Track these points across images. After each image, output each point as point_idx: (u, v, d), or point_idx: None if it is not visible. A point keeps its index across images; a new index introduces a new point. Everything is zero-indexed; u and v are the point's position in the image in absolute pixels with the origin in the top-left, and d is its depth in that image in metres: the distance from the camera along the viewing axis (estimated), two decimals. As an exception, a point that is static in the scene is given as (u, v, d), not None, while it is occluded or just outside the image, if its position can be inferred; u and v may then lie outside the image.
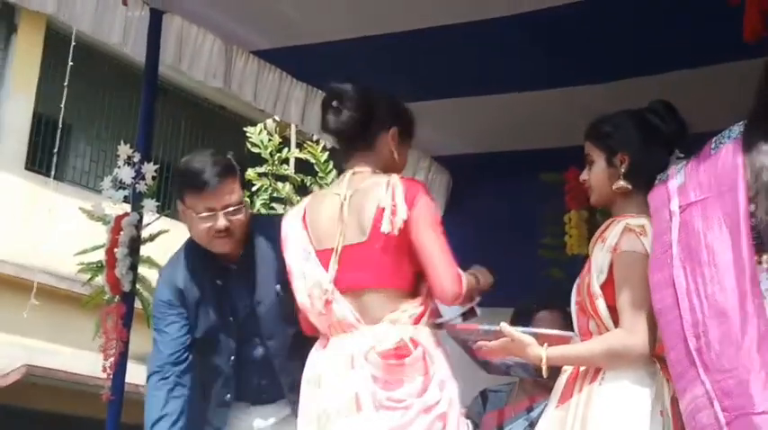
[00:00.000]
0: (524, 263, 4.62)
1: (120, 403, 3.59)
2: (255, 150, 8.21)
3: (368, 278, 2.56)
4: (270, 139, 8.23)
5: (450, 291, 2.49)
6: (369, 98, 2.71)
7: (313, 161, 8.04)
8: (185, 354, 2.93)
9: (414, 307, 2.57)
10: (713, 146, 2.17)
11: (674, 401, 2.23)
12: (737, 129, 2.16)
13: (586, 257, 4.72)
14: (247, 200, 3.12)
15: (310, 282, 2.59)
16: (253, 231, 2.94)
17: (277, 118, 8.41)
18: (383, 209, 2.53)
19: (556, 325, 2.97)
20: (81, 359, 8.34)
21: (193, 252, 2.97)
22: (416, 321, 2.55)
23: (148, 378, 2.94)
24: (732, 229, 2.03)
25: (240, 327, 2.91)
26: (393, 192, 2.55)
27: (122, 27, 3.85)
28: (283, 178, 8.12)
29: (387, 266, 2.55)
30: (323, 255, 2.61)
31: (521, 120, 4.56)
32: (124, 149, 3.61)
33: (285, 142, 8.50)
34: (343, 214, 2.59)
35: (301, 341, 2.75)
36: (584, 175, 2.57)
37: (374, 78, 4.34)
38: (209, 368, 2.94)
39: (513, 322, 2.70)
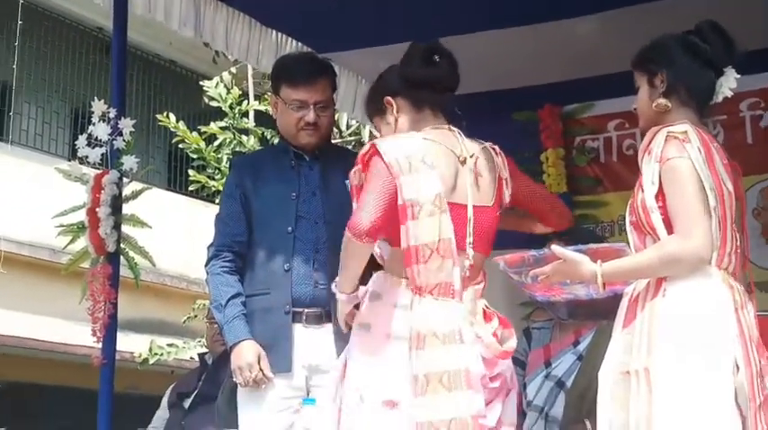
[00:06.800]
0: (504, 205, 4.60)
1: (112, 367, 3.51)
2: (214, 104, 8.08)
3: (484, 243, 2.60)
4: (228, 93, 8.09)
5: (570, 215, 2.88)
6: None
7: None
8: (243, 238, 3.05)
9: (481, 279, 2.63)
10: None
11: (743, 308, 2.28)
12: None
13: (564, 195, 4.89)
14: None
15: (442, 236, 2.49)
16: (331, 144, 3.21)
17: (233, 70, 8.33)
18: (502, 179, 2.66)
19: None
20: (49, 327, 8.23)
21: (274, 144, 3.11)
22: (483, 293, 2.63)
23: (209, 261, 3.08)
24: None
25: (300, 206, 3.03)
26: (503, 162, 2.69)
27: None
28: (245, 131, 8.00)
29: (494, 234, 2.65)
30: (453, 209, 2.53)
31: (491, 60, 4.50)
32: (99, 105, 3.50)
33: (243, 95, 8.36)
34: (474, 172, 2.60)
35: None
36: (634, 103, 2.59)
37: (341, 23, 4.34)
38: (268, 241, 3.03)
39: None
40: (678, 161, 2.34)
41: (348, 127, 8.29)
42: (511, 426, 2.59)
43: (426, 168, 2.52)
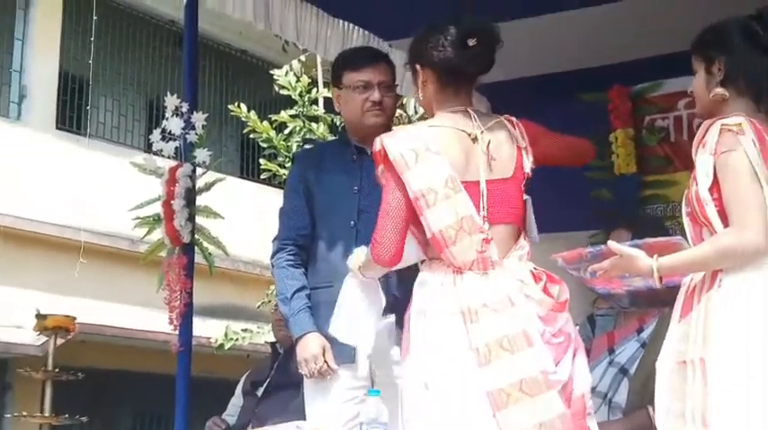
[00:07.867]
0: (571, 186, 4.57)
1: (189, 354, 3.61)
2: (284, 92, 8.17)
3: (505, 214, 2.61)
4: (298, 81, 8.18)
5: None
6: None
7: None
8: (306, 231, 3.11)
9: (524, 244, 2.64)
10: None
11: None
12: None
13: (634, 176, 4.85)
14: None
15: (461, 214, 2.53)
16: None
17: (303, 58, 8.41)
18: (521, 149, 2.66)
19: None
20: (128, 315, 8.44)
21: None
22: (529, 256, 2.63)
23: (274, 254, 3.15)
24: None
25: (362, 200, 3.07)
26: (521, 132, 2.68)
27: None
28: (315, 119, 8.08)
29: (520, 202, 2.66)
30: (468, 188, 2.56)
31: (558, 41, 4.49)
32: (171, 100, 3.58)
33: (313, 83, 8.44)
34: (486, 149, 2.59)
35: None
36: (690, 86, 2.57)
37: (406, 10, 4.35)
38: (331, 234, 3.07)
39: None
40: (732, 154, 2.32)
41: (416, 112, 8.31)
42: (585, 385, 2.56)
43: (432, 155, 2.53)
